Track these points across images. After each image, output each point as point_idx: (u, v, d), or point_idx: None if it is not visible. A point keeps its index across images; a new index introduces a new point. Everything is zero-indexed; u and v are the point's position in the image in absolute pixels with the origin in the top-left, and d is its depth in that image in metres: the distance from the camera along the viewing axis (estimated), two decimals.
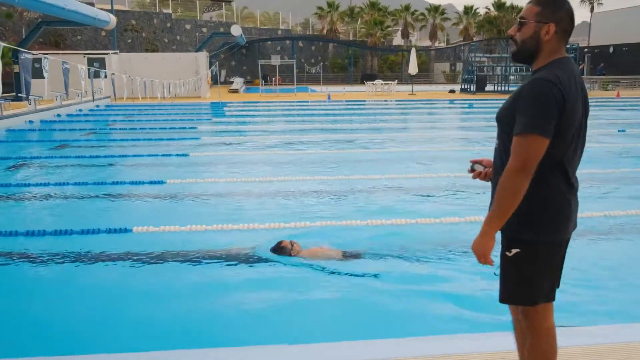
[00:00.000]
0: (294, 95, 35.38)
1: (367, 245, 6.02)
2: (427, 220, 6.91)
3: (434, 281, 5.12)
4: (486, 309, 4.35)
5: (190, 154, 12.24)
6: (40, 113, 20.68)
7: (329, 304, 4.72)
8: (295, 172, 10.25)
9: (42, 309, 4.66)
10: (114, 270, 5.46)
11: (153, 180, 9.33)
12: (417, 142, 14.95)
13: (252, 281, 5.18)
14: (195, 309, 4.64)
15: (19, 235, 6.36)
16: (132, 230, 6.49)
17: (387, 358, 3.41)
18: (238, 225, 6.66)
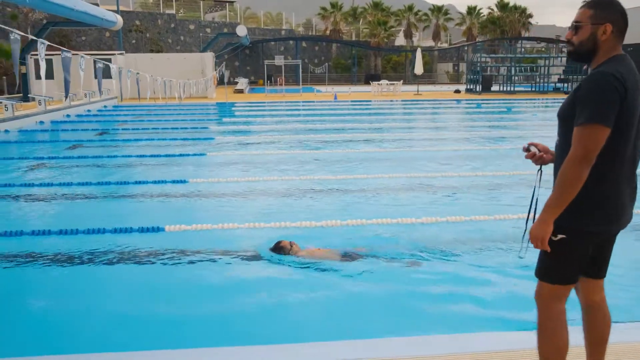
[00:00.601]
0: (299, 95, 35.40)
1: (377, 244, 6.03)
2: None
3: (438, 281, 5.07)
4: (487, 307, 4.42)
5: (208, 154, 12.28)
6: (50, 114, 20.70)
7: (328, 304, 4.71)
8: (316, 171, 10.29)
9: (76, 307, 4.67)
10: (148, 269, 5.47)
11: (175, 179, 9.35)
12: (432, 141, 14.98)
13: (283, 279, 5.21)
14: (227, 307, 4.65)
15: (52, 234, 6.39)
16: (164, 229, 6.51)
17: (384, 357, 3.39)
18: (269, 224, 6.69)
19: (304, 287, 5.02)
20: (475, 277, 5.13)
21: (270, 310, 4.59)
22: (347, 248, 5.84)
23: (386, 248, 5.91)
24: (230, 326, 4.32)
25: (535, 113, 19.37)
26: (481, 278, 5.11)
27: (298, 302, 4.72)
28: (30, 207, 8.03)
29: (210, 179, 9.57)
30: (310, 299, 4.78)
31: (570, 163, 2.53)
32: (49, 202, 8.26)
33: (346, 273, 5.25)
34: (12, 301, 4.85)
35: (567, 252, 2.69)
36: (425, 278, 5.16)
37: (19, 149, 13.71)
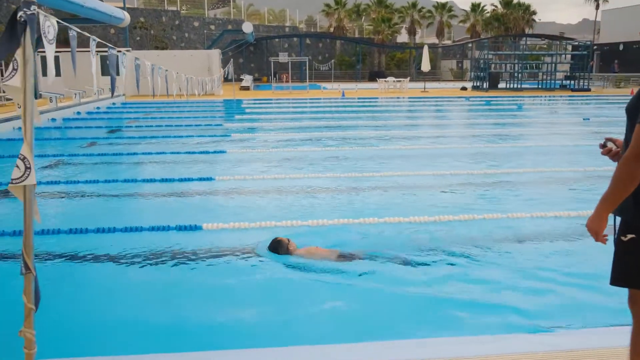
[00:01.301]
0: (306, 92, 35.31)
1: (387, 243, 5.97)
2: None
3: (440, 282, 5.00)
4: (481, 311, 4.36)
5: (228, 151, 12.22)
6: (61, 111, 20.63)
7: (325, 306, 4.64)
8: (347, 169, 10.25)
9: (117, 306, 4.64)
10: (185, 267, 5.41)
11: (202, 177, 9.30)
12: (450, 138, 14.92)
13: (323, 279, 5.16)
14: (263, 307, 4.60)
15: (89, 232, 6.33)
16: (202, 227, 6.46)
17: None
18: (307, 222, 6.64)
19: (308, 289, 4.94)
20: (484, 278, 5.05)
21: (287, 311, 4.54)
22: (349, 249, 5.73)
23: (394, 248, 5.81)
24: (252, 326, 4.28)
25: (587, 117, 19.11)
26: (478, 279, 5.03)
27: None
28: (65, 206, 7.97)
29: (236, 176, 9.50)
30: (315, 302, 4.69)
31: (625, 160, 2.49)
32: (80, 199, 8.20)
33: (343, 273, 5.16)
34: (65, 298, 4.80)
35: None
36: (425, 279, 5.06)
37: (37, 146, 13.63)
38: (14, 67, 3.16)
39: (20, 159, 3.18)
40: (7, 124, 16.33)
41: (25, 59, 3.16)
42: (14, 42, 3.15)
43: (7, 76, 3.14)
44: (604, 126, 17.01)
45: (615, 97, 30.18)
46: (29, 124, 3.19)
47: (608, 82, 40.68)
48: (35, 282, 3.20)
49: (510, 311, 4.35)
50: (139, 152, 12.27)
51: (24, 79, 3.15)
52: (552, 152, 12.29)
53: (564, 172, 9.91)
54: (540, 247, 5.95)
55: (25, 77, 3.15)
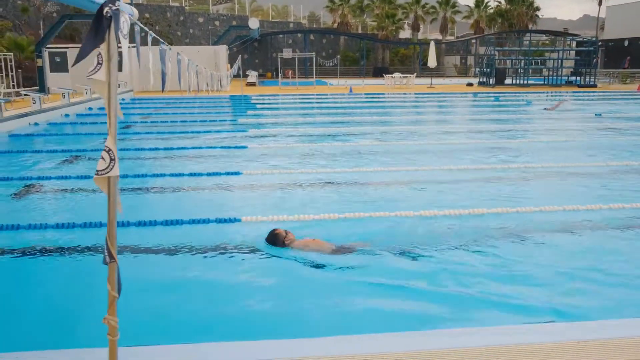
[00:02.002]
0: (313, 88, 35.37)
1: (396, 237, 6.02)
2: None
3: (431, 276, 5.02)
4: (470, 305, 4.40)
5: (249, 146, 12.29)
6: (74, 107, 20.69)
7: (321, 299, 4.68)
8: (374, 163, 10.34)
9: (158, 298, 4.69)
10: (225, 260, 5.49)
11: (229, 171, 9.38)
12: (464, 134, 15.00)
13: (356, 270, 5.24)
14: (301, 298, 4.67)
15: (130, 226, 6.42)
16: (240, 220, 6.55)
17: (374, 353, 3.33)
18: (343, 215, 6.72)
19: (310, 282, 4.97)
20: (468, 273, 5.08)
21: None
22: (348, 242, 5.75)
23: (400, 242, 5.84)
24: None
25: (599, 113, 19.09)
26: (471, 275, 5.06)
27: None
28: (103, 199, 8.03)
29: (263, 170, 9.60)
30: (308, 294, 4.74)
31: None
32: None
33: (339, 266, 5.19)
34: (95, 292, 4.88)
35: None
36: (421, 273, 5.09)
37: (58, 141, 13.73)
38: (99, 61, 3.24)
39: (105, 151, 3.27)
40: (23, 120, 16.41)
41: (109, 54, 3.24)
42: (99, 37, 3.24)
43: (92, 71, 3.23)
44: (616, 121, 17.11)
45: (622, 93, 30.24)
46: (113, 117, 3.28)
47: (614, 78, 40.71)
48: (117, 270, 3.30)
49: (507, 303, 4.42)
50: (160, 147, 12.34)
51: (108, 73, 3.23)
52: (571, 147, 12.41)
53: (589, 166, 10.05)
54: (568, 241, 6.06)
55: (110, 71, 3.24)
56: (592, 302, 4.50)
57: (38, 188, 8.53)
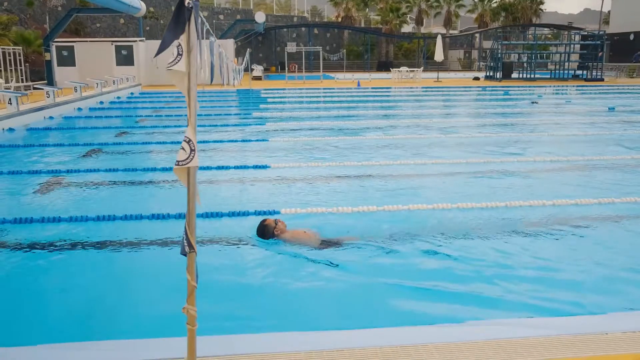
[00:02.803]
0: (320, 82, 35.33)
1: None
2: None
3: (424, 272, 5.02)
4: (454, 300, 4.40)
5: (270, 140, 12.31)
6: (86, 100, 20.67)
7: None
8: (399, 157, 10.37)
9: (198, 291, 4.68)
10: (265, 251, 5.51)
11: (257, 164, 9.40)
12: (478, 128, 15.02)
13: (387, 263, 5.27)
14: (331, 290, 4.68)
15: (170, 218, 6.45)
16: (280, 212, 6.57)
17: (356, 347, 3.32)
18: (382, 207, 6.74)
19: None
20: (476, 268, 5.06)
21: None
22: (337, 235, 5.74)
23: (398, 236, 5.83)
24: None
25: (612, 107, 19.04)
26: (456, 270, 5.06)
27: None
28: (144, 192, 8.09)
29: (291, 163, 9.62)
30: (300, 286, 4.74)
31: None
32: (152, 186, 8.32)
33: (325, 258, 5.20)
34: (134, 283, 4.92)
35: None
36: (410, 268, 5.08)
37: (73, 134, 13.75)
38: (179, 52, 3.24)
39: (186, 142, 3.27)
40: (39, 113, 16.40)
41: (190, 45, 3.24)
42: (180, 28, 3.24)
43: (172, 62, 3.23)
44: (630, 115, 17.12)
45: (631, 87, 30.24)
46: (193, 108, 3.29)
47: (621, 72, 40.68)
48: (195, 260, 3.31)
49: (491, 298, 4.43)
50: (180, 140, 12.32)
51: (188, 64, 3.24)
52: (591, 141, 12.45)
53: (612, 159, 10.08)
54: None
55: (190, 62, 3.24)
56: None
57: (66, 181, 8.55)
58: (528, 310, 4.15)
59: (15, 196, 7.90)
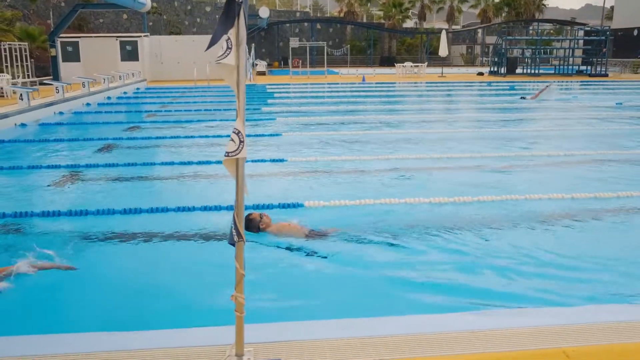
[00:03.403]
0: (324, 77, 35.36)
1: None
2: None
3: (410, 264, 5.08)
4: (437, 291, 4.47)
5: (283, 134, 12.38)
6: (94, 96, 20.73)
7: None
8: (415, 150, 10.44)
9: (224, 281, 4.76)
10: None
11: (273, 158, 9.48)
12: (490, 122, 15.09)
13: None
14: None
15: (196, 210, 6.53)
16: (303, 205, 6.65)
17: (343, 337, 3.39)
18: (404, 200, 6.83)
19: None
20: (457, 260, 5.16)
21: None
22: (321, 227, 5.81)
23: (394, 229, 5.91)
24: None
25: (620, 102, 19.04)
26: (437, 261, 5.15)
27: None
28: (179, 185, 8.18)
29: (307, 157, 9.70)
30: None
31: None
32: (172, 181, 8.40)
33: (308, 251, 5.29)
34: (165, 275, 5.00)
35: None
36: (396, 261, 5.15)
37: (87, 130, 13.85)
38: (228, 46, 3.30)
39: (235, 133, 3.34)
40: (49, 109, 16.47)
41: (239, 39, 3.30)
42: (229, 23, 3.30)
43: (221, 55, 3.30)
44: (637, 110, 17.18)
45: (636, 83, 30.27)
46: (242, 101, 3.36)
47: (625, 68, 40.68)
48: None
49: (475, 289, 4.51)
50: (194, 135, 12.41)
51: (237, 57, 3.30)
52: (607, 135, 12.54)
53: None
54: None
55: (239, 56, 3.30)
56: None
57: (86, 175, 8.63)
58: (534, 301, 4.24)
59: (36, 190, 7.98)
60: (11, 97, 19.00)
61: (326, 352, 3.19)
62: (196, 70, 29.55)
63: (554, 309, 3.85)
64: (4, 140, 11.58)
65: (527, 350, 3.27)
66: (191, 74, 29.40)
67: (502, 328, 3.48)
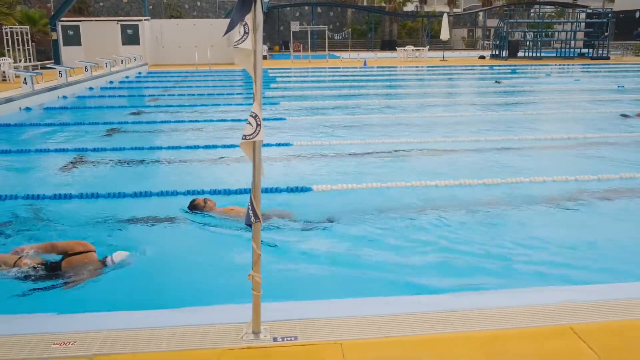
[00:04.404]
0: (325, 61, 35.27)
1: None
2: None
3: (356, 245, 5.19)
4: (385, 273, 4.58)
5: (288, 118, 12.42)
6: (96, 80, 20.70)
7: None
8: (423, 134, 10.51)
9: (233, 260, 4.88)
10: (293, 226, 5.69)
11: (279, 142, 9.55)
12: (490, 106, 15.14)
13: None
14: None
15: (204, 193, 6.61)
16: (312, 189, 6.74)
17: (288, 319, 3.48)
18: (410, 183, 6.92)
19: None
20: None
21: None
22: (268, 209, 5.89)
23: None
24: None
25: (622, 85, 19.07)
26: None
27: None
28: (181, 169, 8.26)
29: (314, 141, 9.76)
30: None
31: None
32: (178, 164, 8.48)
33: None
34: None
35: None
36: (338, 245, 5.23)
37: (92, 114, 13.89)
38: (245, 30, 3.36)
39: (252, 117, 3.41)
40: (52, 93, 16.49)
41: (255, 24, 3.36)
42: (246, 8, 3.35)
43: (238, 40, 3.35)
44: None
45: (638, 65, 30.22)
46: (259, 84, 3.43)
47: (627, 50, 40.54)
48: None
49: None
50: (200, 119, 12.47)
51: (254, 42, 3.35)
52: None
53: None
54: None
55: (256, 40, 3.36)
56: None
57: (93, 159, 8.71)
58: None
59: (46, 173, 8.07)
60: (14, 81, 19.02)
61: (342, 330, 3.30)
62: (197, 54, 29.50)
63: (560, 287, 3.96)
64: (9, 124, 11.63)
65: (536, 327, 3.38)
66: (192, 58, 29.35)
67: (511, 306, 3.58)
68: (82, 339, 3.23)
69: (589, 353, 3.12)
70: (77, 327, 3.36)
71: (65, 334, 3.29)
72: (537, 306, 3.56)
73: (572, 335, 3.28)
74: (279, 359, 3.11)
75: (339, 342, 3.20)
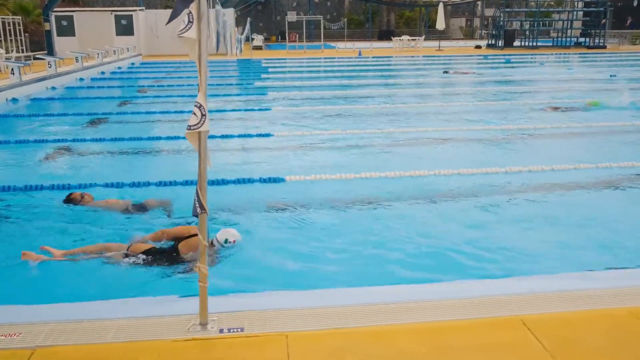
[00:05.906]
0: (321, 51, 35.15)
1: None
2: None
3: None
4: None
5: (273, 109, 12.38)
6: (87, 71, 20.63)
7: None
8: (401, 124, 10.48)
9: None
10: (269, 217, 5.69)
11: (260, 133, 9.52)
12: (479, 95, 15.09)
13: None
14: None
15: (177, 185, 6.59)
16: (285, 180, 6.71)
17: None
18: (384, 173, 6.90)
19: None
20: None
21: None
22: (150, 199, 5.97)
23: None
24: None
25: (614, 74, 19.04)
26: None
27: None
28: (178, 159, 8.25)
29: (296, 132, 9.73)
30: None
31: None
32: (156, 155, 8.47)
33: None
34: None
35: None
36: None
37: (78, 105, 13.83)
38: (190, 19, 3.32)
39: (197, 107, 3.37)
40: (41, 84, 16.42)
41: (200, 13, 3.32)
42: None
43: (182, 29, 3.32)
44: (632, 83, 17.12)
45: (634, 54, 30.08)
46: (204, 74, 3.39)
47: (623, 40, 40.36)
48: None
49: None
50: (185, 110, 12.41)
51: (199, 31, 3.32)
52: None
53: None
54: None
55: (200, 29, 3.32)
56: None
57: (74, 150, 8.68)
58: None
59: (25, 165, 8.04)
60: (4, 72, 18.95)
61: (288, 321, 3.29)
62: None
63: (511, 279, 3.94)
64: None
65: (486, 318, 3.36)
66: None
67: (462, 297, 3.57)
68: (28, 330, 3.22)
69: (536, 345, 3.10)
70: (24, 319, 3.35)
71: (10, 325, 3.28)
72: (485, 297, 3.55)
73: (522, 327, 3.27)
74: (223, 350, 3.11)
75: (284, 333, 3.21)
